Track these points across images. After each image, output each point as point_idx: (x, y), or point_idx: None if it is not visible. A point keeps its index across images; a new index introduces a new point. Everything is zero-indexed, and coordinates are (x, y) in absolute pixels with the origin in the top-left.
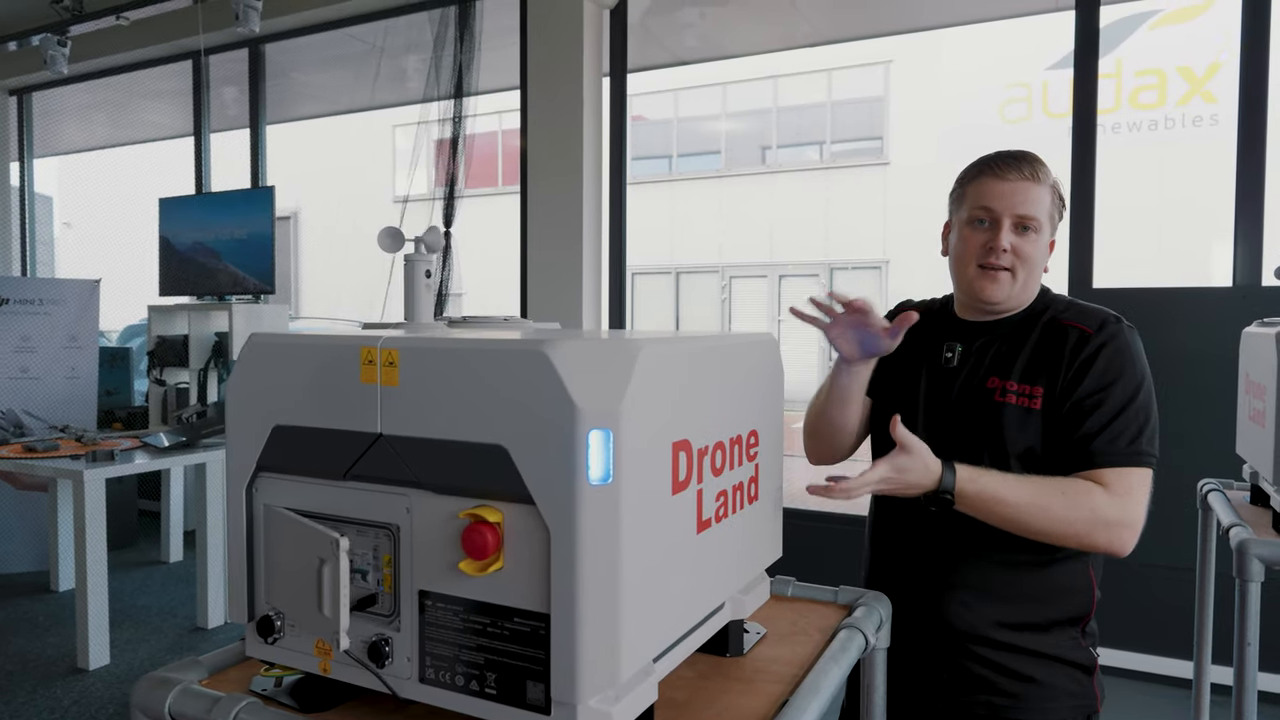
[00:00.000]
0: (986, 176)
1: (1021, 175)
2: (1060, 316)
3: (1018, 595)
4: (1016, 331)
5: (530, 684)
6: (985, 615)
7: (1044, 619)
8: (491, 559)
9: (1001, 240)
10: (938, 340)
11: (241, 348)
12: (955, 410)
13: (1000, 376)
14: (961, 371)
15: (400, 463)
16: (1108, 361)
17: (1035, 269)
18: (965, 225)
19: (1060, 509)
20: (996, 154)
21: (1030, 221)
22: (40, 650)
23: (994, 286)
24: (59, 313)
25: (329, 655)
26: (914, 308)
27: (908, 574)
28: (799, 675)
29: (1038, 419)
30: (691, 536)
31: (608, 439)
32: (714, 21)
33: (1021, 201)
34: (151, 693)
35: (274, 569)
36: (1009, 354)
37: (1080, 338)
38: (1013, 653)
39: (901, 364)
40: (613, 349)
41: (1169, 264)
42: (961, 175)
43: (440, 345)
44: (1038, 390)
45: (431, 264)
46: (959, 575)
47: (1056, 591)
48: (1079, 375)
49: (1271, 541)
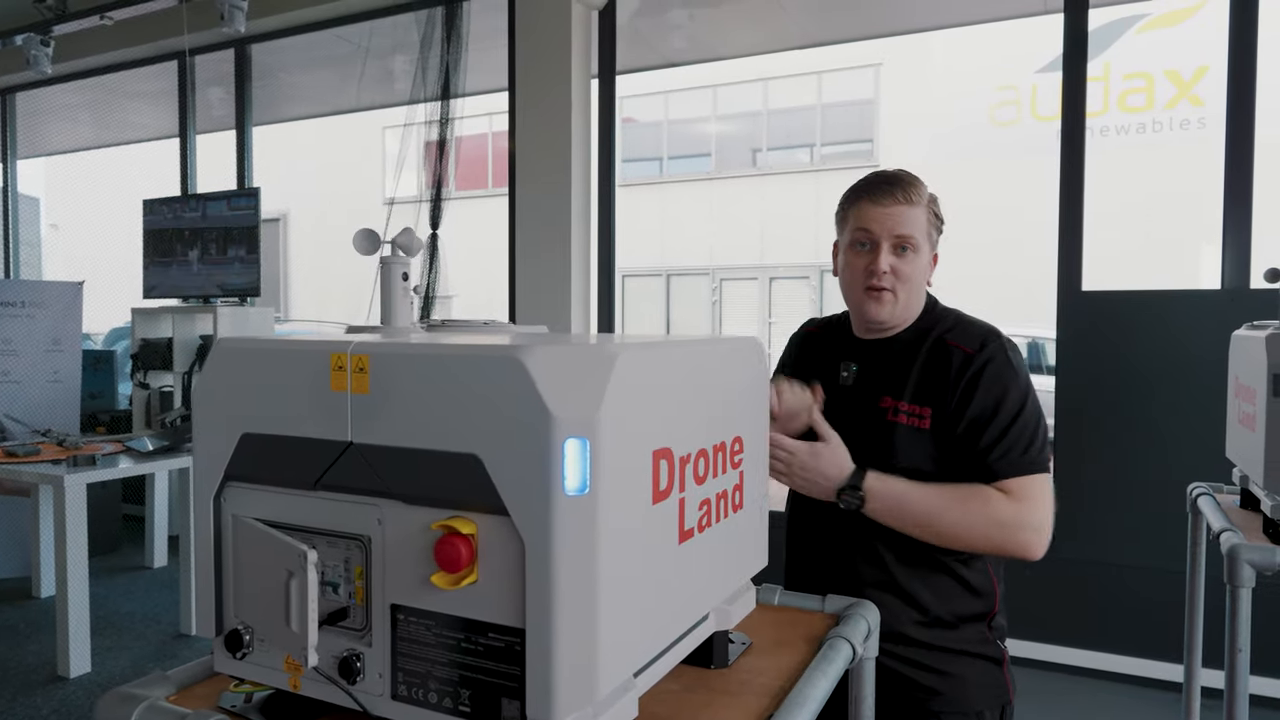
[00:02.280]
0: (864, 201)
1: (895, 199)
2: (945, 335)
3: (924, 593)
4: (906, 350)
5: (505, 702)
6: (899, 614)
7: (952, 616)
8: (465, 572)
9: (881, 263)
10: (835, 359)
11: (209, 352)
12: (850, 427)
13: (893, 396)
14: (856, 390)
15: (371, 472)
16: (991, 380)
17: (916, 287)
18: (848, 249)
19: (960, 513)
20: (873, 176)
21: (907, 241)
22: (20, 658)
23: (878, 306)
24: (42, 315)
25: (299, 671)
26: (817, 325)
27: (821, 575)
28: (785, 687)
29: (927, 438)
30: (673, 547)
31: (584, 448)
32: (703, 23)
33: (898, 224)
34: (116, 709)
35: (242, 582)
36: (900, 374)
37: (964, 360)
38: (928, 649)
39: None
40: (589, 355)
41: (1156, 266)
42: (842, 199)
43: (412, 351)
44: (926, 410)
45: (409, 266)
46: (871, 575)
47: (960, 590)
48: (966, 397)
49: (1262, 547)
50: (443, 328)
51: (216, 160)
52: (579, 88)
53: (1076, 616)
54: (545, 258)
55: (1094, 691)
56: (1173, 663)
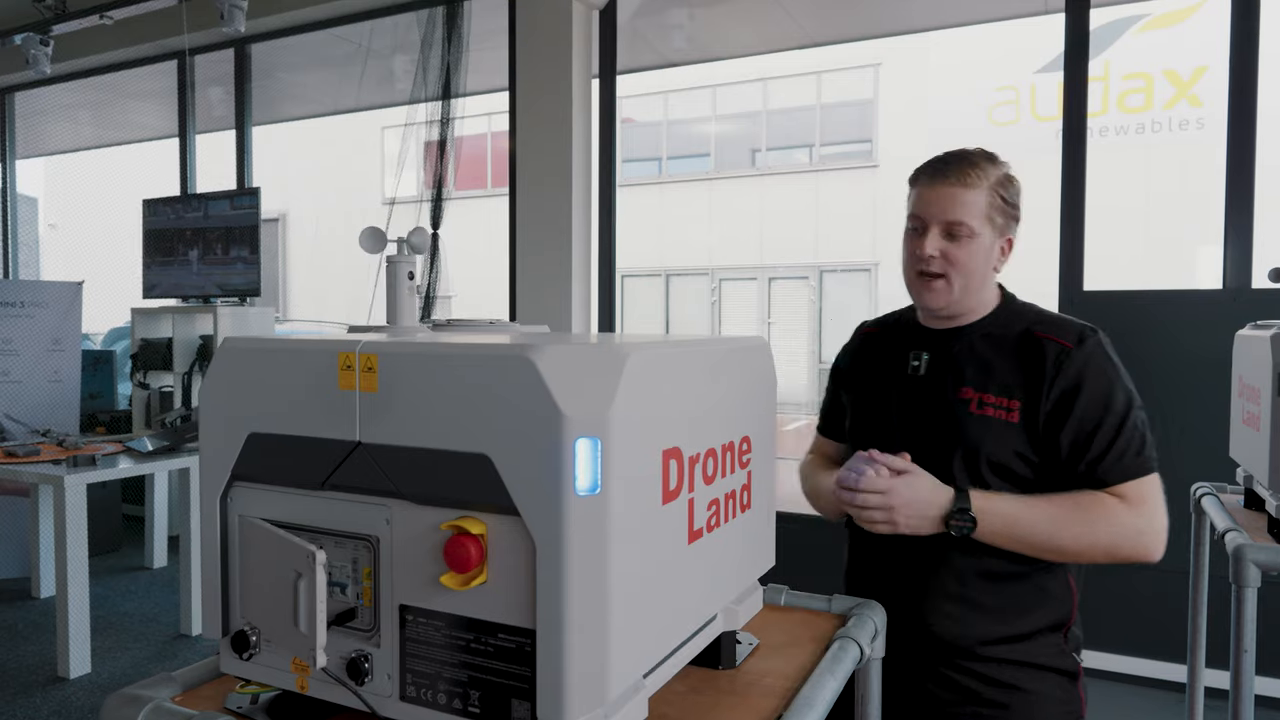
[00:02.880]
0: (920, 182)
1: (948, 182)
2: (1035, 329)
3: (999, 604)
4: (988, 341)
5: (515, 703)
6: (969, 625)
7: (1027, 627)
8: (475, 572)
9: (926, 247)
10: (903, 350)
11: (215, 352)
12: (925, 417)
13: (975, 388)
14: (930, 379)
15: (380, 472)
16: (1095, 379)
17: (974, 274)
18: (905, 233)
19: (1080, 525)
20: (933, 159)
21: (958, 227)
22: (20, 659)
23: (929, 294)
24: (41, 315)
25: (306, 672)
26: (874, 325)
27: (889, 584)
28: (793, 688)
29: (1017, 432)
30: (683, 547)
31: (595, 448)
32: (703, 23)
33: (949, 207)
34: (121, 710)
35: (249, 582)
36: (982, 365)
37: (1060, 352)
38: (998, 663)
39: (870, 384)
40: (600, 354)
41: (1155, 266)
42: (910, 176)
43: (421, 350)
44: (1015, 404)
45: (415, 265)
46: (940, 585)
47: (1037, 599)
48: (1068, 396)
49: (1268, 547)
50: (448, 327)
51: (215, 160)
52: (579, 88)
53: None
54: (546, 258)
55: (1097, 691)
56: (1176, 663)
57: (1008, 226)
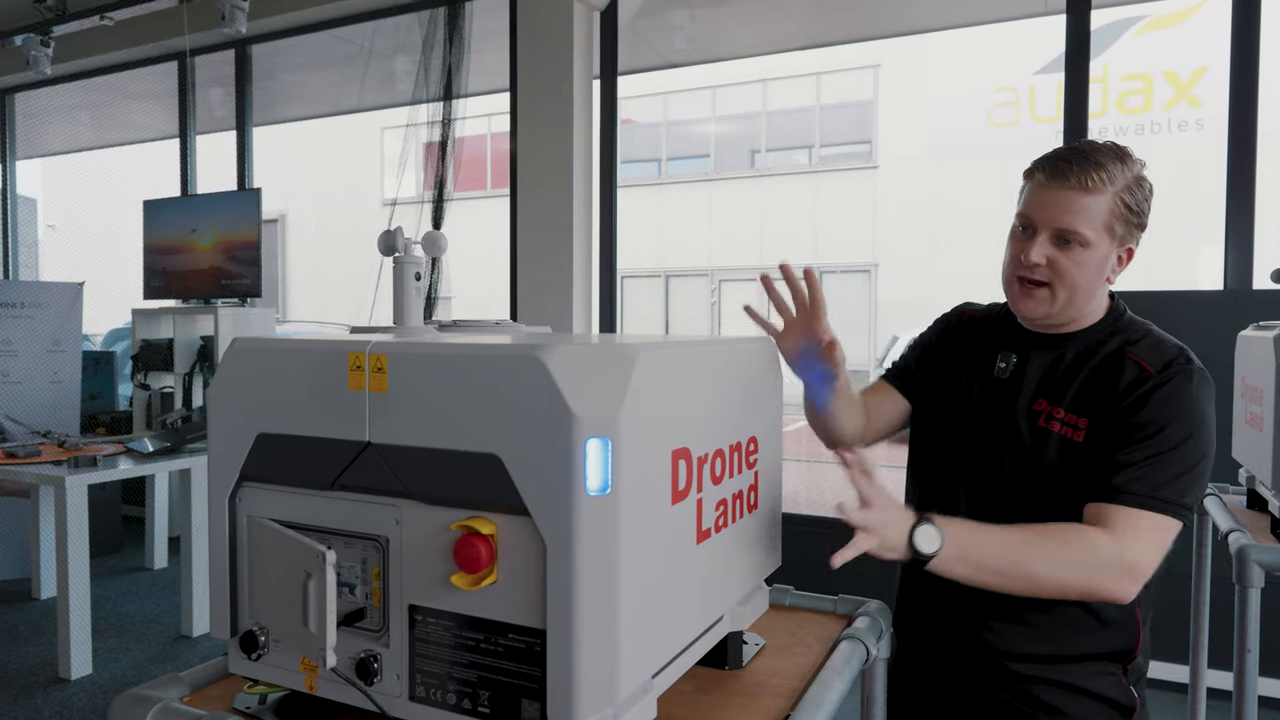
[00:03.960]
0: (1037, 178)
1: (1069, 183)
2: (1128, 347)
3: (1052, 624)
4: (1078, 354)
5: (525, 703)
6: (1016, 642)
7: (1079, 651)
8: (485, 572)
9: (1033, 253)
10: (993, 348)
11: (224, 352)
12: (995, 425)
13: (1049, 400)
14: (1011, 385)
15: (389, 472)
16: (1161, 405)
17: (1081, 287)
18: (1011, 229)
19: (1053, 552)
20: (1056, 152)
21: (1071, 235)
22: (20, 660)
23: (1029, 302)
24: (42, 316)
25: (315, 672)
26: (978, 312)
27: (941, 597)
28: (800, 688)
29: (1080, 452)
30: (691, 547)
31: (606, 447)
32: (704, 24)
33: (1063, 213)
34: (130, 710)
35: (258, 583)
36: (1063, 378)
37: (1139, 375)
38: (1045, 684)
39: (951, 369)
40: (610, 354)
41: (1157, 267)
42: (1027, 168)
43: (431, 350)
44: (1083, 422)
45: (421, 266)
46: (992, 600)
47: (1094, 623)
48: (1128, 414)
49: (1271, 547)
50: (453, 328)
51: (213, 160)
52: (580, 89)
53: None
54: (547, 259)
55: None
56: (1179, 664)
57: (1129, 235)
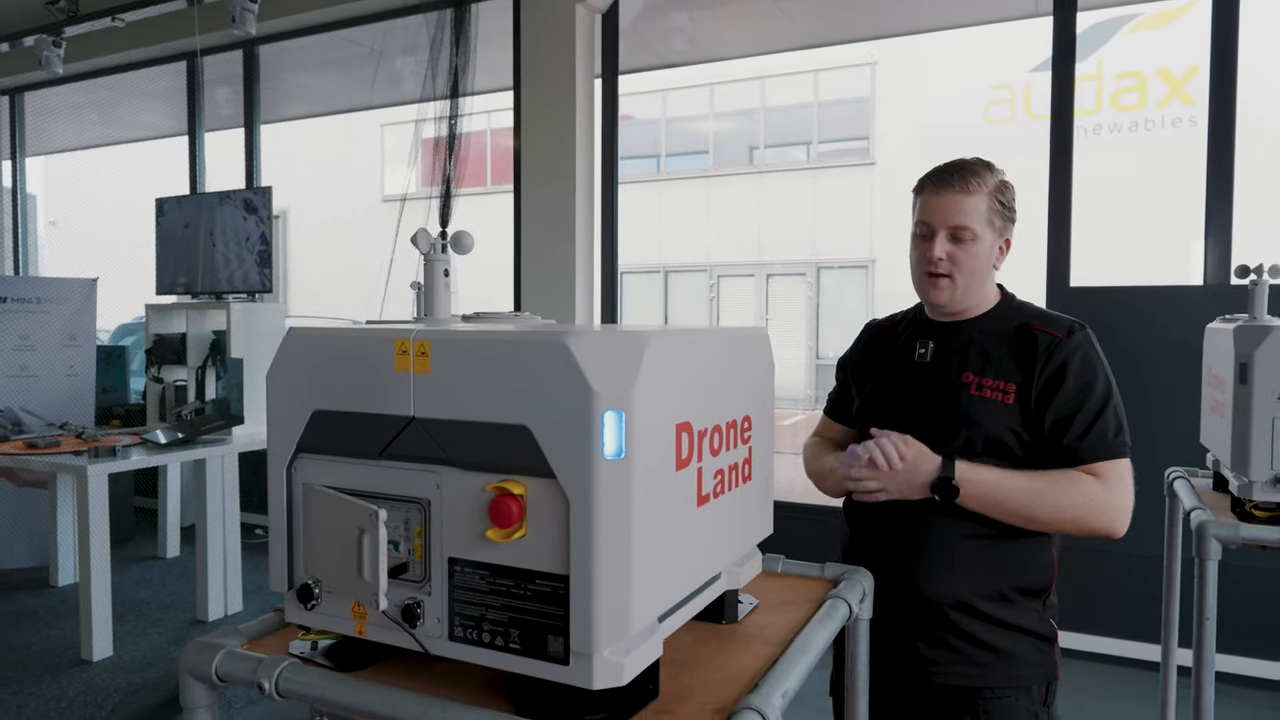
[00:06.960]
0: (926, 191)
1: (952, 189)
2: (1030, 323)
3: (984, 567)
4: (987, 333)
5: (551, 638)
6: (954, 586)
7: (1009, 590)
8: (515, 527)
9: (935, 250)
10: (910, 341)
11: (281, 340)
12: (930, 400)
13: (975, 373)
14: (935, 366)
15: (431, 443)
16: (1081, 368)
17: (976, 273)
18: (913, 237)
19: (1056, 496)
20: (936, 169)
21: (962, 232)
22: (43, 643)
23: (936, 291)
24: (58, 311)
25: (364, 619)
26: (879, 323)
27: (881, 547)
28: (789, 639)
29: (1012, 411)
30: (692, 509)
31: (621, 419)
32: (703, 25)
33: (954, 213)
34: (199, 655)
35: (313, 541)
36: (981, 353)
37: (1051, 342)
38: (982, 622)
39: (879, 371)
40: (624, 340)
41: (1149, 263)
42: (916, 185)
43: (469, 337)
44: (1010, 386)
45: (449, 263)
46: (928, 547)
47: (1020, 564)
48: (1055, 379)
49: (1228, 523)
50: (477, 319)
51: (218, 158)
52: (583, 89)
53: (1059, 589)
54: (549, 254)
55: (1073, 671)
56: (1150, 643)
57: (1005, 228)
